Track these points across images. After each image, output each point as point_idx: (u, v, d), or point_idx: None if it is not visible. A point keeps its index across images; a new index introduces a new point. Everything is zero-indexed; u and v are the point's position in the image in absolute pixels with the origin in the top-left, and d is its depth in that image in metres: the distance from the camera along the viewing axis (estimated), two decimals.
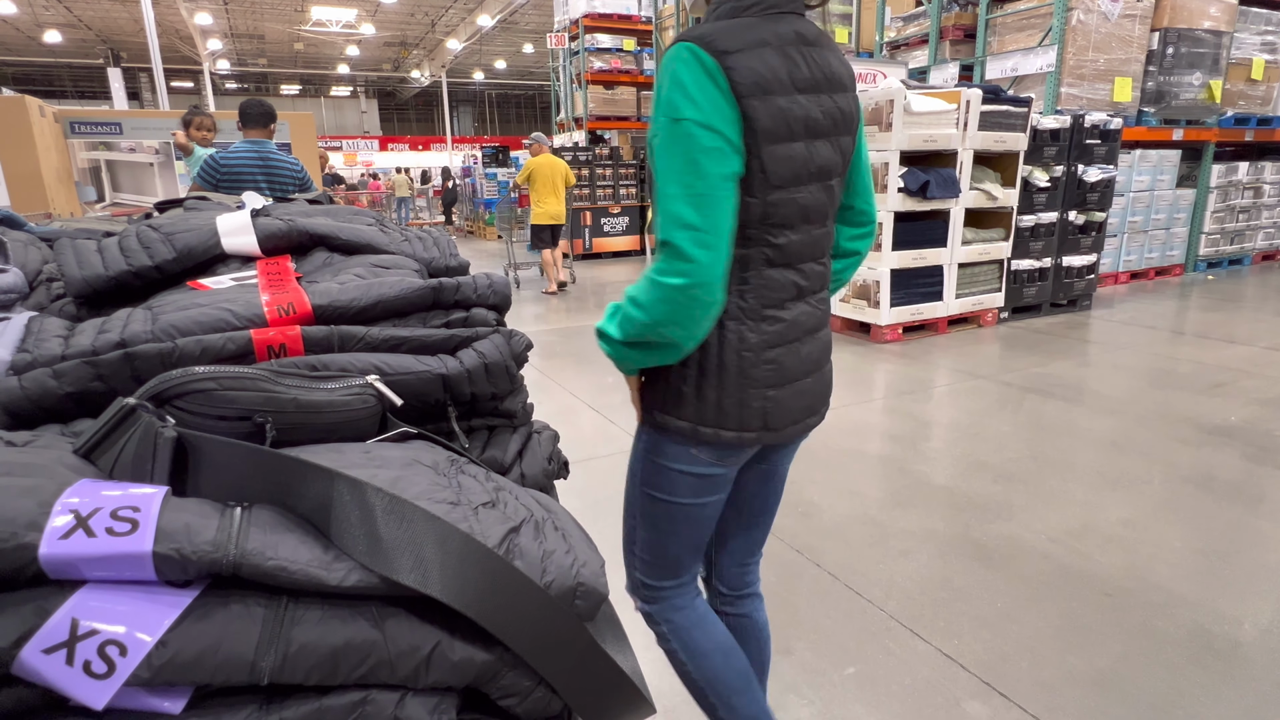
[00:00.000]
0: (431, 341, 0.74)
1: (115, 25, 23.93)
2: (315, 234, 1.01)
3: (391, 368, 0.69)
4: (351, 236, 1.03)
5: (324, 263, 1.00)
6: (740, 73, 0.95)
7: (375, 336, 0.71)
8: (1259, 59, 7.53)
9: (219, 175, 3.65)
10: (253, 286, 0.87)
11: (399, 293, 0.76)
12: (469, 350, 0.74)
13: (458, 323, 0.79)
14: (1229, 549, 2.37)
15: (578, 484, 2.98)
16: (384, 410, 0.67)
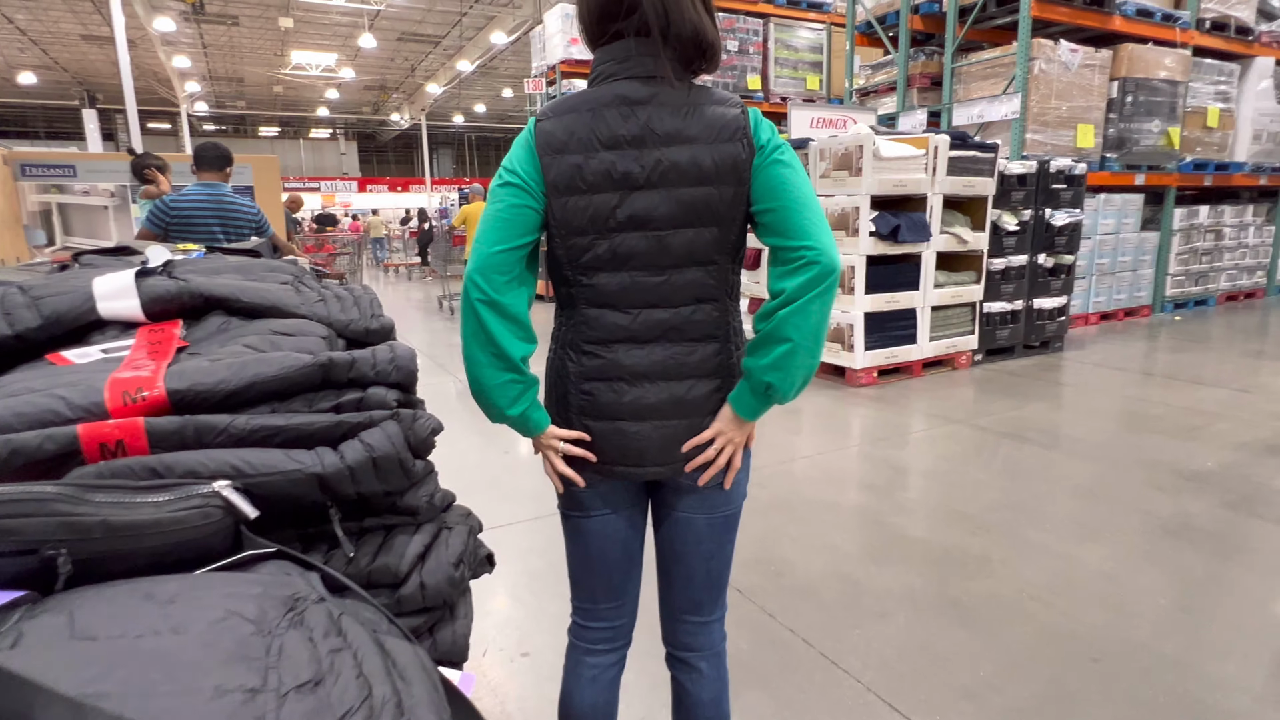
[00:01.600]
0: (312, 431, 0.64)
1: (91, 68, 23.90)
2: (212, 296, 0.91)
3: (254, 467, 0.58)
4: (255, 298, 0.92)
5: (219, 328, 0.89)
6: (545, 137, 1.11)
7: (240, 428, 0.61)
8: (1213, 107, 7.77)
9: (169, 219, 3.52)
10: (119, 361, 0.75)
11: (279, 371, 0.65)
12: (354, 442, 0.64)
13: (349, 405, 0.69)
14: (1213, 606, 2.28)
15: (538, 542, 2.83)
16: (237, 523, 0.56)
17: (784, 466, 3.59)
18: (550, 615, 2.30)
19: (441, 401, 5.02)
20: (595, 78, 1.14)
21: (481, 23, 20.28)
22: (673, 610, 1.35)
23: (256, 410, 0.64)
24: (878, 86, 8.46)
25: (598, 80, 1.13)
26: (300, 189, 29.60)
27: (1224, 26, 7.64)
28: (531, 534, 2.91)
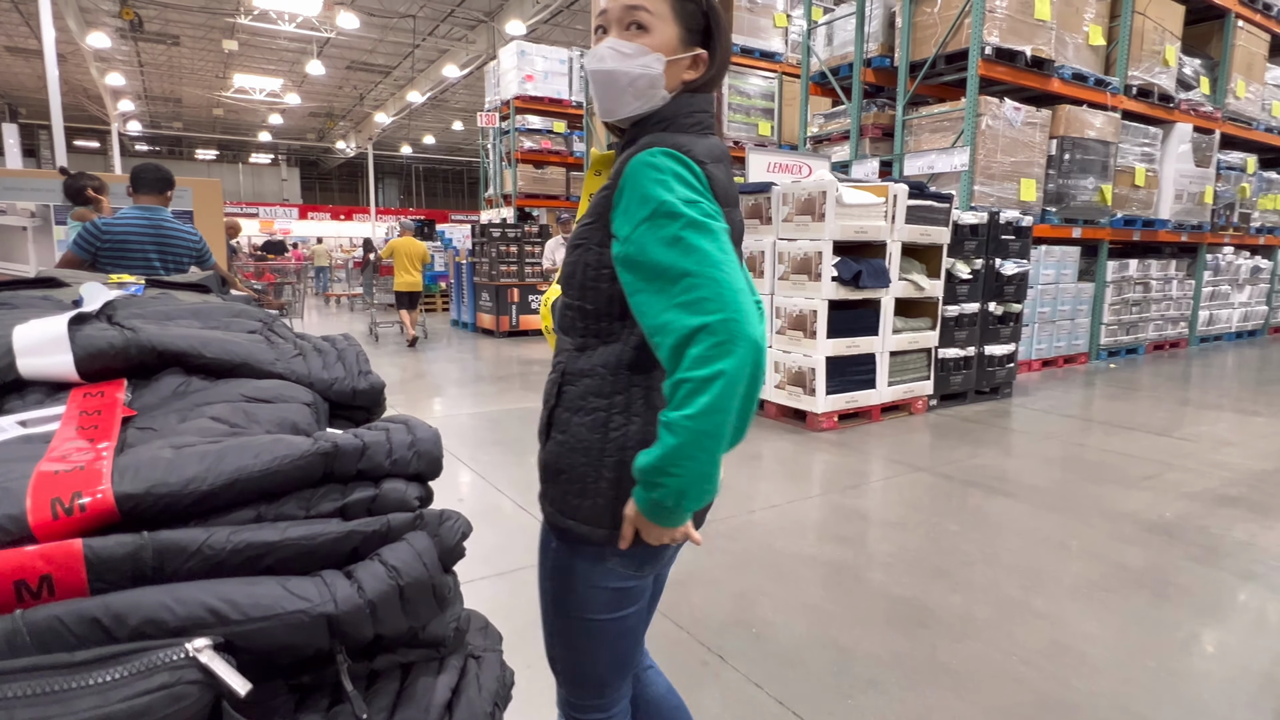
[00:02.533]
0: (314, 546, 0.48)
1: (16, 80, 22.72)
2: (168, 351, 0.74)
3: (241, 610, 0.42)
4: (221, 353, 0.75)
5: (175, 391, 0.72)
6: (717, 183, 1.02)
7: (218, 548, 0.45)
8: (1140, 167, 8.24)
9: (99, 244, 3.23)
10: (44, 440, 0.58)
11: (269, 464, 0.50)
12: (374, 563, 0.48)
13: (359, 507, 0.53)
14: (1202, 669, 2.25)
15: (503, 602, 2.63)
16: (219, 698, 0.40)
17: (752, 516, 3.48)
18: (517, 690, 2.09)
19: None
20: (695, 124, 1.06)
21: (434, 55, 20.20)
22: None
23: (235, 517, 0.49)
24: (831, 134, 8.68)
25: (697, 128, 1.06)
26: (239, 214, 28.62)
27: (1148, 93, 8.15)
28: (493, 593, 2.70)
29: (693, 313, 0.89)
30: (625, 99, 1.03)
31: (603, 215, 1.02)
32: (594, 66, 1.02)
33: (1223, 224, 9.66)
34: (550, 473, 1.07)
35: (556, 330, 1.13)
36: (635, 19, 1.00)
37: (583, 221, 1.06)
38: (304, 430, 0.68)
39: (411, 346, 9.40)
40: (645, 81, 1.01)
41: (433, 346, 9.59)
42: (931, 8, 6.98)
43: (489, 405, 5.92)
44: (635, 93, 1.02)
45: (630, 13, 1.00)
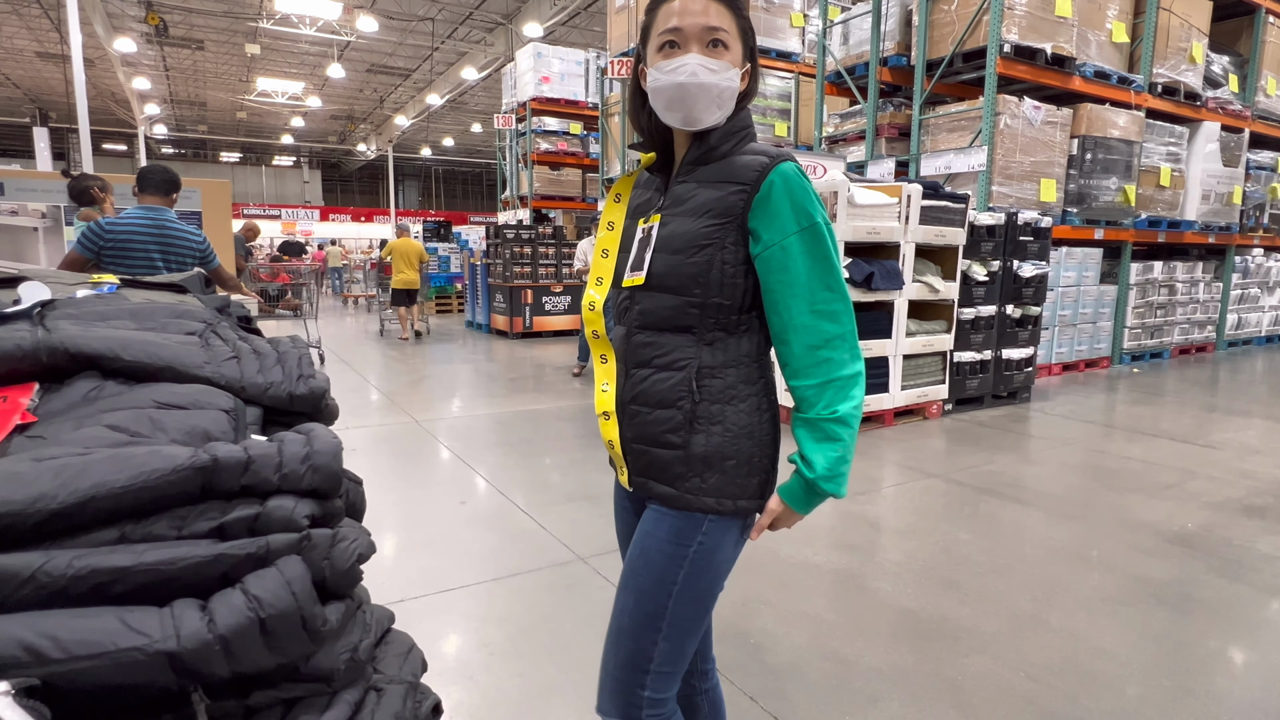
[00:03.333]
0: (176, 571, 0.44)
1: (46, 85, 23.22)
2: (82, 353, 0.70)
3: (65, 647, 0.38)
4: (141, 355, 0.71)
5: (86, 396, 0.68)
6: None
7: (57, 574, 0.40)
8: (1165, 167, 8.04)
9: (103, 243, 3.24)
10: None
11: (134, 479, 0.45)
12: (234, 593, 0.43)
13: (240, 526, 0.49)
14: (1218, 689, 2.14)
15: (499, 607, 2.58)
16: None
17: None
18: (509, 699, 2.06)
19: (398, 445, 4.73)
20: (753, 135, 1.21)
21: (453, 58, 20.32)
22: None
23: (93, 539, 0.44)
24: (846, 135, 8.57)
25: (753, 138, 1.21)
26: (261, 216, 29.02)
27: (1174, 91, 7.95)
28: (489, 599, 2.66)
29: (832, 322, 1.11)
30: (711, 109, 1.13)
31: (737, 216, 1.12)
32: (686, 80, 1.10)
33: (1252, 225, 9.40)
34: (715, 461, 1.14)
35: (635, 329, 1.18)
36: (716, 38, 1.12)
37: (704, 223, 1.13)
38: (217, 438, 0.64)
39: (412, 339, 10.04)
40: (729, 94, 1.14)
41: (446, 347, 9.61)
42: (949, 5, 6.86)
43: (499, 407, 5.90)
44: (719, 104, 1.13)
45: (711, 32, 1.12)
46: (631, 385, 1.18)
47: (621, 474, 1.24)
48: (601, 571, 2.85)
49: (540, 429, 5.17)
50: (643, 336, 1.17)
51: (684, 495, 1.15)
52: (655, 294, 1.15)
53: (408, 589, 2.72)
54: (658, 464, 1.16)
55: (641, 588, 1.17)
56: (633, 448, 1.19)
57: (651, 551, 1.17)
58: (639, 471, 1.19)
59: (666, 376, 1.15)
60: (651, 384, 1.16)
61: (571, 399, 6.17)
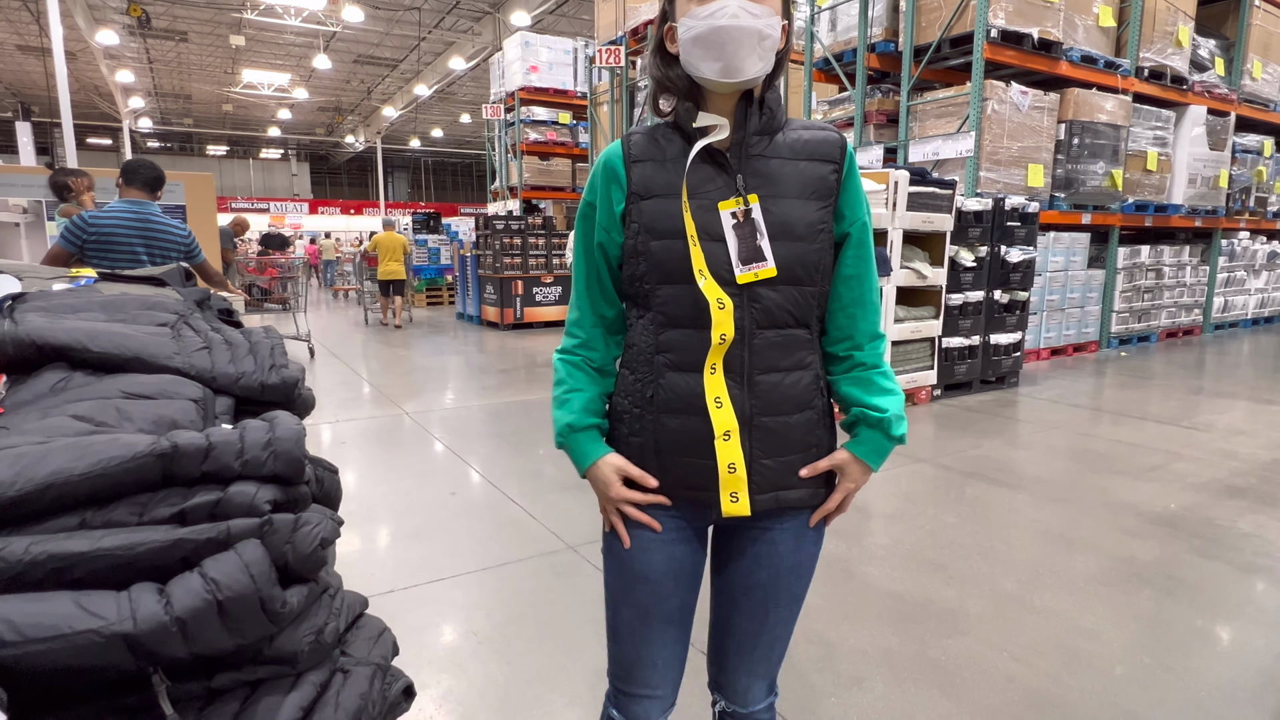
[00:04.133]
0: (134, 556, 0.44)
1: (27, 79, 22.91)
2: (49, 344, 0.70)
3: (19, 630, 0.38)
4: (109, 346, 0.71)
5: (53, 388, 0.68)
6: None
7: (14, 559, 0.41)
8: (1152, 151, 8.07)
9: (86, 237, 3.21)
10: None
11: (93, 467, 0.46)
12: (192, 576, 0.44)
13: (201, 512, 0.49)
14: (1199, 667, 2.18)
15: (488, 597, 2.60)
16: None
17: None
18: (498, 686, 2.07)
19: (388, 436, 4.73)
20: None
21: (440, 48, 20.14)
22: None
23: (52, 525, 0.45)
24: (835, 121, 8.55)
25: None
26: (249, 209, 28.81)
27: (1160, 75, 7.97)
28: (479, 588, 2.67)
29: (878, 296, 1.15)
30: (752, 59, 1.00)
31: (834, 197, 1.09)
32: (727, 23, 0.97)
33: (1238, 208, 9.46)
34: (830, 451, 1.15)
35: (757, 329, 1.06)
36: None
37: (815, 205, 1.07)
38: (184, 428, 0.64)
39: (392, 326, 10.61)
40: (770, 43, 1.02)
41: (437, 339, 9.59)
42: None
43: (491, 398, 5.90)
44: (761, 53, 1.01)
45: None
46: (758, 394, 1.07)
47: (734, 502, 1.08)
48: (591, 560, 2.87)
49: (532, 420, 5.18)
50: (768, 337, 1.06)
51: (820, 490, 1.14)
52: (781, 288, 1.05)
53: (397, 579, 2.73)
54: (792, 470, 1.10)
55: (798, 596, 1.18)
56: (762, 464, 1.08)
57: (804, 565, 1.16)
58: (768, 487, 1.09)
59: (799, 377, 1.09)
60: (784, 389, 1.08)
61: None
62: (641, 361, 1.11)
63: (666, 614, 1.16)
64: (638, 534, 1.15)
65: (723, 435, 1.05)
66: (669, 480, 1.11)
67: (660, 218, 1.06)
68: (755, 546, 1.15)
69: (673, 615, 1.17)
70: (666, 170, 1.07)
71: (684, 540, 1.15)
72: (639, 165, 1.09)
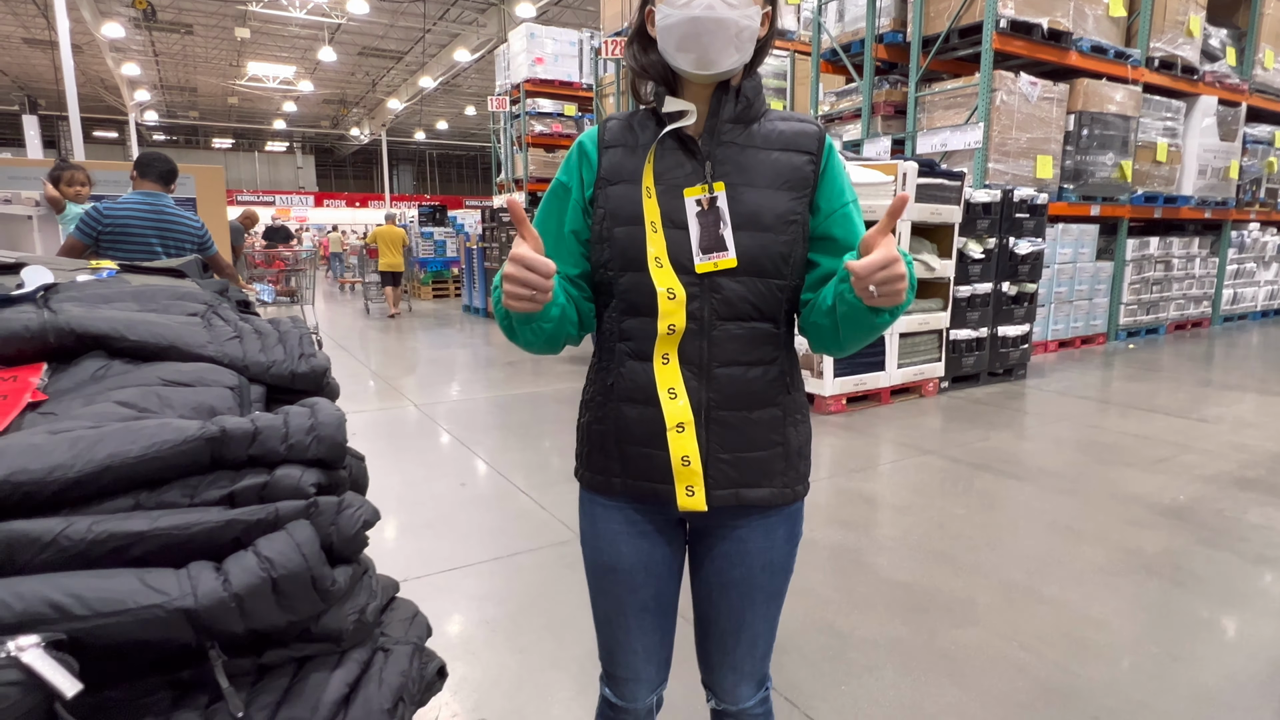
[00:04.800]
0: (189, 536, 0.46)
1: (34, 72, 22.98)
2: (88, 333, 0.72)
3: (87, 604, 0.40)
4: (145, 335, 0.73)
5: (93, 375, 0.70)
6: None
7: (76, 538, 0.43)
8: (1162, 142, 8.02)
9: (101, 228, 3.24)
10: None
11: (146, 450, 0.47)
12: (247, 555, 0.46)
13: (249, 494, 0.51)
14: (1206, 655, 2.19)
15: (499, 587, 2.62)
16: (50, 701, 0.38)
17: None
18: (511, 673, 2.10)
19: (398, 429, 4.76)
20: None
21: (445, 40, 20.11)
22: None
23: (109, 506, 0.46)
24: (842, 113, 8.53)
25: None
26: (255, 203, 28.85)
27: (1171, 65, 7.91)
28: (490, 578, 2.70)
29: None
30: (729, 50, 0.99)
31: (810, 188, 1.06)
32: (701, 14, 0.96)
33: (1249, 200, 9.40)
34: (805, 447, 1.13)
35: (718, 320, 1.03)
36: None
37: (788, 196, 1.04)
38: (222, 414, 0.65)
39: (388, 316, 11.06)
40: (748, 34, 1.00)
41: (443, 332, 9.62)
42: None
43: (497, 390, 5.92)
44: (738, 44, 1.00)
45: None
46: (717, 387, 1.04)
47: (689, 495, 1.05)
48: None
49: (539, 412, 5.20)
50: (729, 329, 1.03)
51: (785, 490, 1.10)
52: (743, 279, 1.02)
53: (410, 569, 2.76)
54: (753, 468, 1.06)
55: (776, 593, 1.16)
56: (719, 459, 1.05)
57: (776, 562, 1.14)
58: (726, 483, 1.06)
59: (762, 372, 1.06)
60: (745, 383, 1.05)
61: (570, 381, 6.19)
62: (605, 349, 1.09)
63: (640, 603, 1.16)
64: (606, 526, 1.15)
65: (675, 427, 1.03)
66: (629, 471, 1.08)
67: (624, 204, 1.04)
68: (726, 544, 1.13)
69: (647, 604, 1.16)
70: (636, 156, 1.05)
71: (654, 532, 1.14)
72: (611, 151, 1.07)
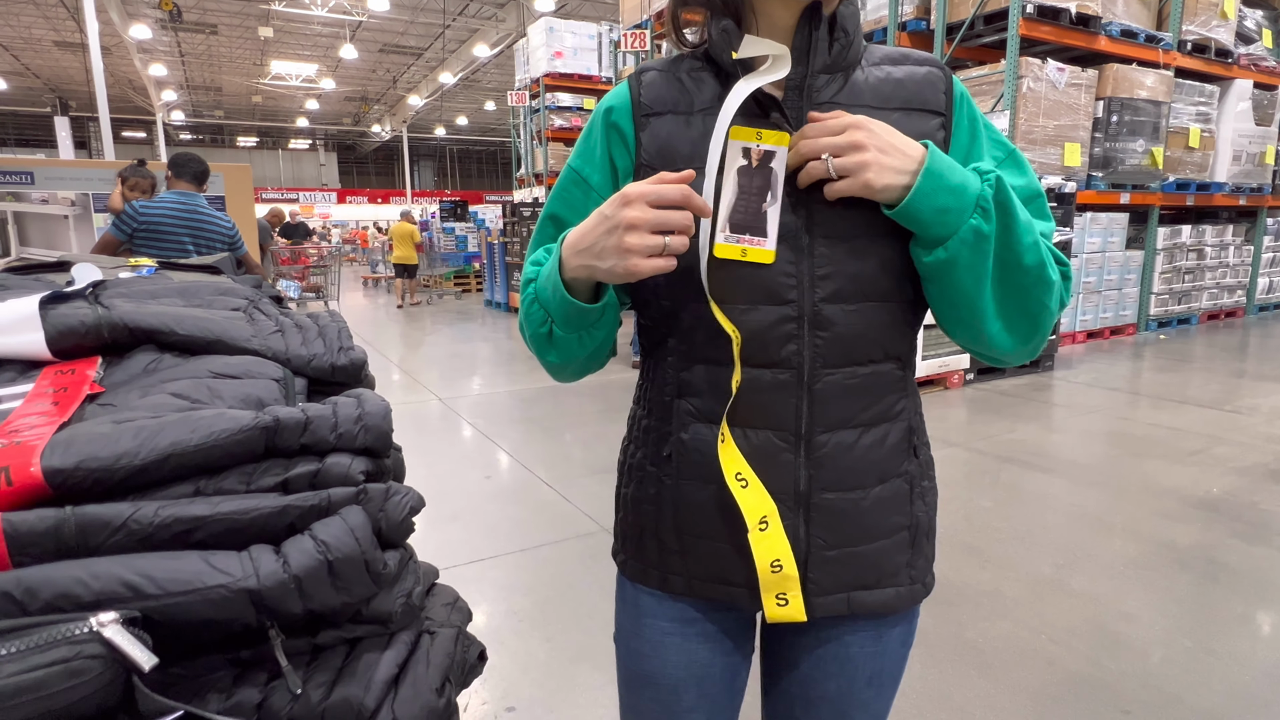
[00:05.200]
0: (248, 521, 0.48)
1: (65, 74, 23.46)
2: (140, 328, 0.74)
3: (158, 584, 0.42)
4: (194, 330, 0.76)
5: (146, 368, 0.73)
6: None
7: (144, 522, 0.45)
8: (1194, 128, 7.83)
9: (135, 226, 3.31)
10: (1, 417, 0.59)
11: (206, 439, 0.49)
12: (304, 539, 0.48)
13: (301, 482, 0.53)
14: (1242, 650, 2.16)
15: (525, 578, 2.66)
16: (127, 675, 0.40)
17: None
18: (539, 663, 2.13)
19: (422, 422, 4.82)
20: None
21: (464, 35, 20.19)
22: None
23: (172, 492, 0.48)
24: None
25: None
26: (278, 200, 29.24)
27: (1204, 49, 7.72)
28: (517, 569, 2.73)
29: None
30: None
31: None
32: None
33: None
34: (931, 526, 0.85)
35: (823, 367, 0.75)
36: None
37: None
38: (269, 404, 0.68)
39: (407, 306, 11.77)
40: None
41: (466, 326, 9.70)
42: None
43: (519, 384, 5.97)
44: None
45: None
46: (820, 461, 0.75)
47: (781, 605, 0.76)
48: None
49: (561, 405, 5.23)
50: (839, 377, 0.74)
51: (914, 587, 0.83)
52: (858, 305, 0.73)
53: (438, 560, 2.78)
54: (874, 563, 0.79)
55: (878, 713, 0.90)
56: (827, 556, 0.77)
57: (887, 672, 0.87)
58: (834, 587, 0.78)
59: (883, 433, 0.77)
60: (863, 452, 0.76)
61: (591, 376, 6.21)
62: (658, 404, 0.81)
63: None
64: (652, 623, 0.86)
65: (758, 524, 0.74)
66: (695, 570, 0.81)
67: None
68: (822, 648, 0.85)
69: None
70: (693, 128, 0.74)
71: (715, 636, 0.86)
72: (654, 121, 0.76)
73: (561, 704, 1.96)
